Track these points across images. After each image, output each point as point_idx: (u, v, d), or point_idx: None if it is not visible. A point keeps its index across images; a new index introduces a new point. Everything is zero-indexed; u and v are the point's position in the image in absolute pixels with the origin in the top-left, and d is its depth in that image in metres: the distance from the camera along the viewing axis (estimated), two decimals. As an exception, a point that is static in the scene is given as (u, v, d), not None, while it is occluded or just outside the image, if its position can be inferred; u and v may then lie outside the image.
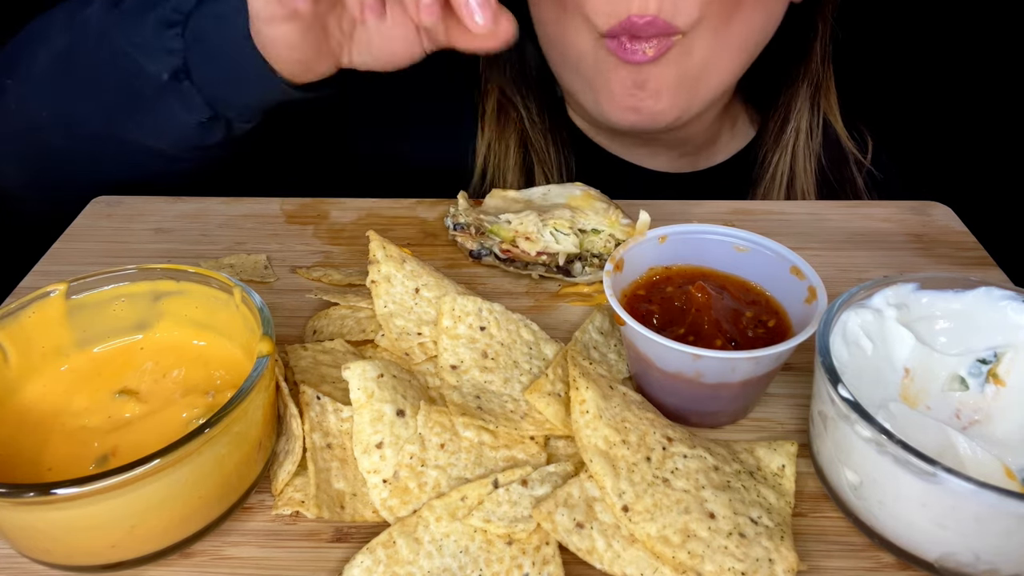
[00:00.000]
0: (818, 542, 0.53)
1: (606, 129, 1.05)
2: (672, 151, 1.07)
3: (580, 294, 0.75)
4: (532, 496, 0.52)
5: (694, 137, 1.06)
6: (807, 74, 1.01)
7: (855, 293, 0.58)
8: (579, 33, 0.88)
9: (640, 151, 1.07)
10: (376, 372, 0.56)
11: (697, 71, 0.88)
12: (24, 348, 0.57)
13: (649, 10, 0.82)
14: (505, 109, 1.04)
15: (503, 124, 1.04)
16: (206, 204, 0.89)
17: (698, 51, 0.87)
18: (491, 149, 1.05)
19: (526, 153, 1.05)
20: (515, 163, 1.04)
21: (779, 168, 1.04)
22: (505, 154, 1.04)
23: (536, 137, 1.04)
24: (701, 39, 0.86)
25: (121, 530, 0.48)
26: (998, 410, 0.57)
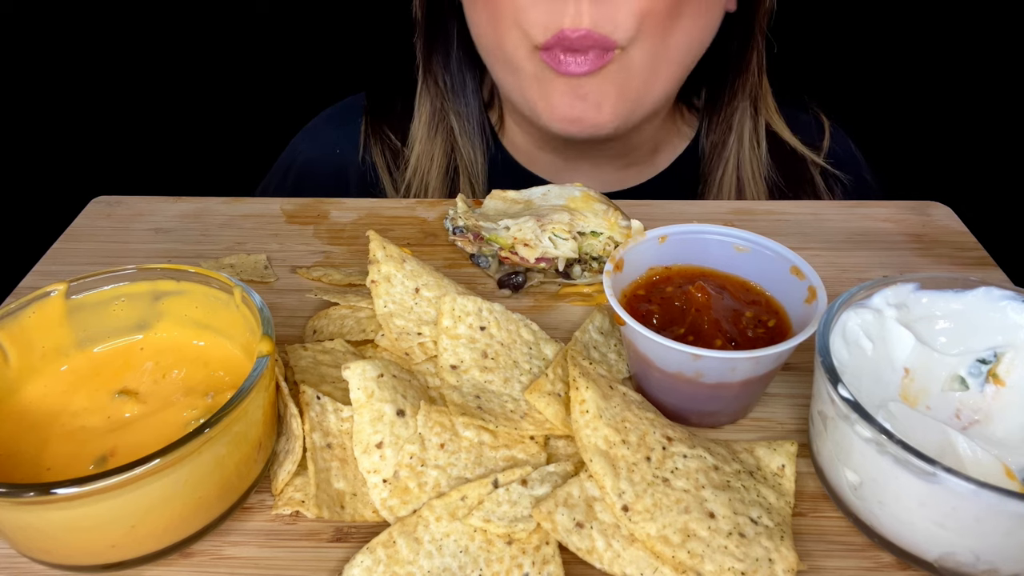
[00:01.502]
0: (818, 542, 0.53)
1: (552, 144, 1.05)
2: (617, 162, 1.08)
3: (580, 294, 0.75)
4: (532, 496, 0.52)
5: (639, 146, 1.06)
6: (744, 84, 1.02)
7: (855, 293, 0.58)
8: (515, 44, 0.89)
9: (583, 166, 1.08)
10: (376, 372, 0.56)
11: (638, 83, 0.89)
12: (24, 348, 0.57)
13: (582, 24, 0.82)
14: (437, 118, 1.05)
15: (433, 132, 1.05)
16: (206, 204, 0.89)
17: (638, 64, 0.87)
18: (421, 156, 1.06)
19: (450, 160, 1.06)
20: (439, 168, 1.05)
21: (725, 178, 1.05)
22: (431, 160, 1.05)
23: (466, 146, 1.05)
24: (640, 52, 0.86)
25: (121, 530, 0.48)
26: (998, 410, 0.57)
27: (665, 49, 0.88)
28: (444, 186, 1.05)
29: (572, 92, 0.88)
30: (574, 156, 1.06)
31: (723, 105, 1.04)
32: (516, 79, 0.92)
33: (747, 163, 1.04)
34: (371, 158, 1.09)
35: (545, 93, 0.90)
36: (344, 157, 1.10)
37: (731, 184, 1.04)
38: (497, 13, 0.88)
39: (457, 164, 1.05)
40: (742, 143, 1.03)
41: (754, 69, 1.01)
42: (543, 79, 0.89)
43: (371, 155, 1.09)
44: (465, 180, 1.05)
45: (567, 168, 1.07)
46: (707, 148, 1.07)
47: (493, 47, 0.93)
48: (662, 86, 0.92)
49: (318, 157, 1.11)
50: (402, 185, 1.07)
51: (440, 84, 1.05)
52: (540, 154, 1.08)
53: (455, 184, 1.05)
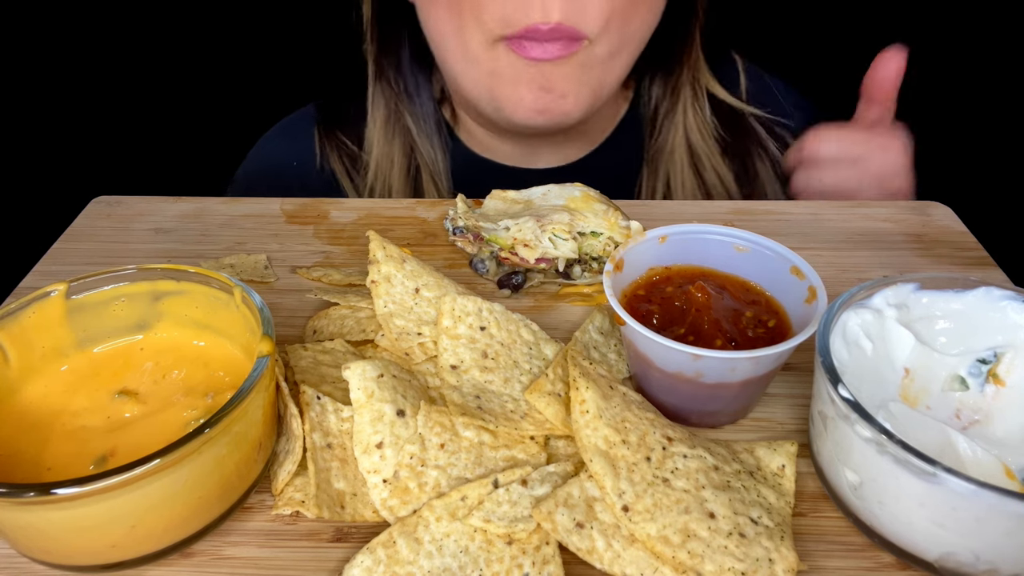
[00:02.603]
0: (818, 542, 0.53)
1: (512, 134, 1.05)
2: (578, 142, 1.09)
3: (580, 294, 0.75)
4: (532, 496, 0.52)
5: (597, 124, 1.08)
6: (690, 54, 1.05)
7: (855, 293, 0.58)
8: (477, 39, 0.89)
9: (543, 151, 1.09)
10: (376, 372, 0.56)
11: (600, 72, 0.91)
12: (24, 348, 0.57)
13: (552, 18, 0.83)
14: (393, 120, 1.06)
15: (391, 134, 1.06)
16: (206, 204, 0.89)
17: (601, 54, 0.89)
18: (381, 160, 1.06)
19: (410, 162, 1.06)
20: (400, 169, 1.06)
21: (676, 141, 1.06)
22: (391, 163, 1.06)
23: (424, 145, 1.06)
24: (604, 42, 0.88)
25: (121, 530, 0.48)
26: (998, 410, 0.57)
27: (625, 37, 0.90)
28: (407, 187, 1.06)
29: (538, 84, 0.89)
30: (536, 142, 1.08)
31: (671, 74, 1.07)
32: (478, 74, 0.93)
33: (694, 126, 1.07)
34: (329, 165, 1.09)
35: (511, 86, 0.90)
36: (303, 168, 1.10)
37: (682, 146, 1.06)
38: (459, 10, 0.88)
39: (418, 164, 1.06)
40: (687, 108, 1.06)
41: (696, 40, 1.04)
42: (507, 73, 0.89)
43: (329, 163, 1.09)
44: (428, 178, 1.06)
45: (529, 153, 1.09)
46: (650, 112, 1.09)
47: (453, 43, 0.93)
48: (621, 71, 0.94)
49: (275, 171, 1.11)
50: (364, 190, 1.08)
51: (393, 86, 1.05)
52: (499, 143, 1.09)
53: (418, 184, 1.06)
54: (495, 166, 1.09)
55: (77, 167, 1.61)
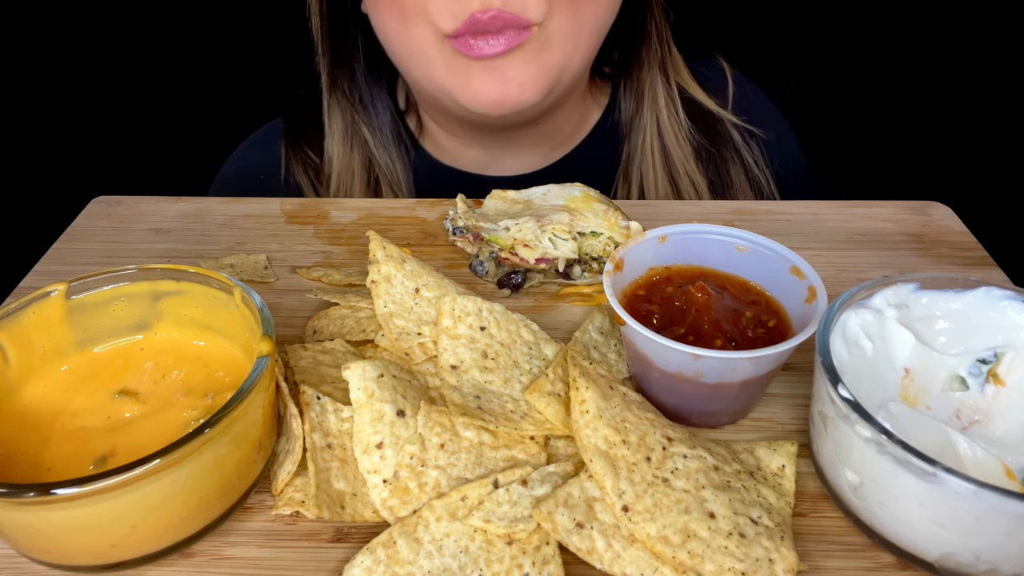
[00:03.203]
0: (818, 542, 0.53)
1: (475, 138, 1.05)
2: (542, 147, 1.08)
3: (580, 294, 0.75)
4: (532, 496, 0.52)
5: (561, 126, 1.07)
6: (650, 51, 1.04)
7: (855, 293, 0.58)
8: (425, 37, 0.88)
9: (508, 156, 1.08)
10: (376, 372, 0.56)
11: (557, 58, 0.89)
12: (24, 348, 0.57)
13: (492, 5, 0.82)
14: (351, 132, 1.06)
15: (349, 146, 1.06)
16: (206, 204, 0.89)
17: (555, 38, 0.88)
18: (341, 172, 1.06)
19: (370, 174, 1.06)
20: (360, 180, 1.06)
21: (646, 144, 1.06)
22: (352, 175, 1.06)
23: (381, 152, 1.05)
24: (556, 28, 0.87)
25: (121, 530, 0.48)
26: (998, 410, 0.57)
27: (579, 21, 0.89)
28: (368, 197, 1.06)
29: (491, 75, 0.88)
30: (499, 147, 1.07)
31: (632, 73, 1.06)
32: (431, 72, 0.92)
33: (668, 129, 1.05)
34: (294, 179, 1.09)
35: (464, 81, 0.89)
36: (269, 180, 1.10)
37: (654, 149, 1.05)
38: (403, 10, 0.88)
39: (378, 174, 1.06)
40: (658, 109, 1.05)
41: (654, 39, 1.03)
42: (458, 67, 0.89)
43: (294, 176, 1.09)
44: (387, 188, 1.06)
45: (493, 160, 1.08)
46: (624, 116, 1.08)
47: (403, 45, 0.92)
48: (579, 58, 0.93)
49: (245, 185, 1.11)
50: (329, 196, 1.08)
51: (348, 98, 1.05)
52: (463, 149, 1.08)
53: (378, 194, 1.06)
54: (459, 174, 1.08)
55: (77, 167, 1.61)
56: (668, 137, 1.05)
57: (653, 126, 1.05)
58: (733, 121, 1.08)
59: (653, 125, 1.05)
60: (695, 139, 1.07)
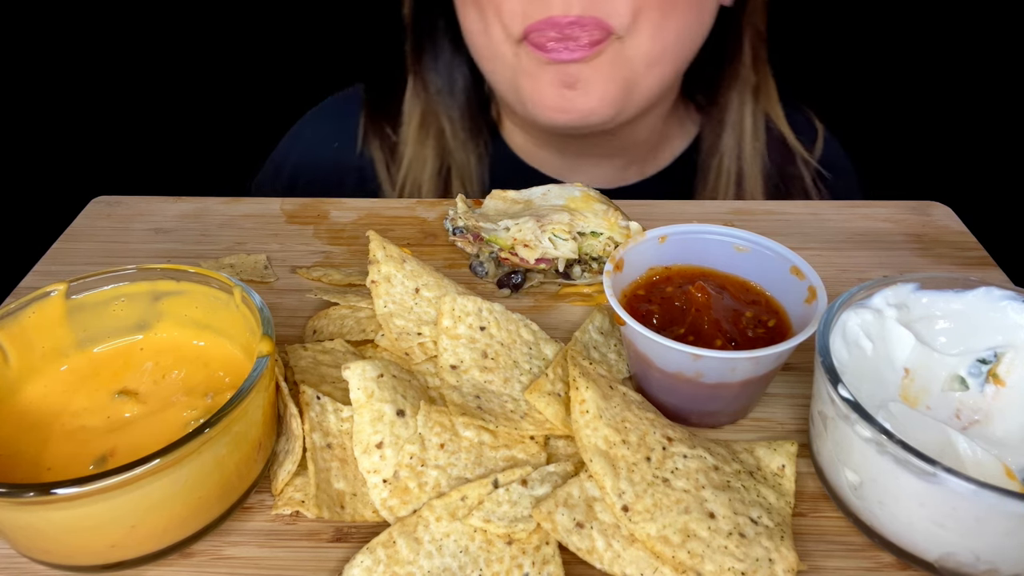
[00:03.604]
0: (818, 542, 0.53)
1: (549, 141, 1.04)
2: (616, 160, 1.07)
3: (580, 294, 0.75)
4: (532, 496, 0.52)
5: (638, 144, 1.05)
6: (740, 78, 1.01)
7: (855, 293, 0.58)
8: (500, 37, 0.88)
9: (583, 164, 1.07)
10: (376, 372, 0.56)
11: (632, 74, 0.88)
12: (24, 348, 0.57)
13: (572, 11, 0.82)
14: (427, 121, 1.05)
15: (424, 135, 1.05)
16: (206, 204, 0.89)
17: (634, 54, 0.87)
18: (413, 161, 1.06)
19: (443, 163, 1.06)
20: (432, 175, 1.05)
21: (724, 168, 1.04)
22: (423, 165, 1.05)
23: (457, 146, 1.05)
24: (637, 42, 0.86)
25: (121, 530, 0.48)
26: (998, 410, 0.57)
27: (662, 39, 0.87)
28: (437, 187, 1.05)
29: (561, 81, 0.87)
30: (572, 154, 1.05)
31: (719, 100, 1.04)
32: (504, 73, 0.92)
33: (747, 156, 1.03)
34: (369, 153, 1.08)
35: (534, 84, 0.89)
36: (341, 151, 1.10)
37: (730, 174, 1.04)
38: (481, 7, 0.88)
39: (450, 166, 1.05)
40: (743, 133, 1.03)
41: (747, 61, 1.01)
42: (530, 70, 0.88)
43: (369, 150, 1.08)
44: (458, 182, 1.05)
45: (566, 166, 1.06)
46: (706, 142, 1.06)
47: (481, 43, 0.92)
48: (658, 78, 0.91)
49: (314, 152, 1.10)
50: (398, 181, 1.07)
51: (430, 88, 1.04)
52: (538, 151, 1.07)
53: (448, 185, 1.05)
54: (533, 172, 1.07)
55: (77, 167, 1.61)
56: (745, 163, 1.03)
57: (733, 151, 1.03)
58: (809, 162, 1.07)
59: (734, 150, 1.03)
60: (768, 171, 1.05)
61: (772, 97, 1.05)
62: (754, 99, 1.03)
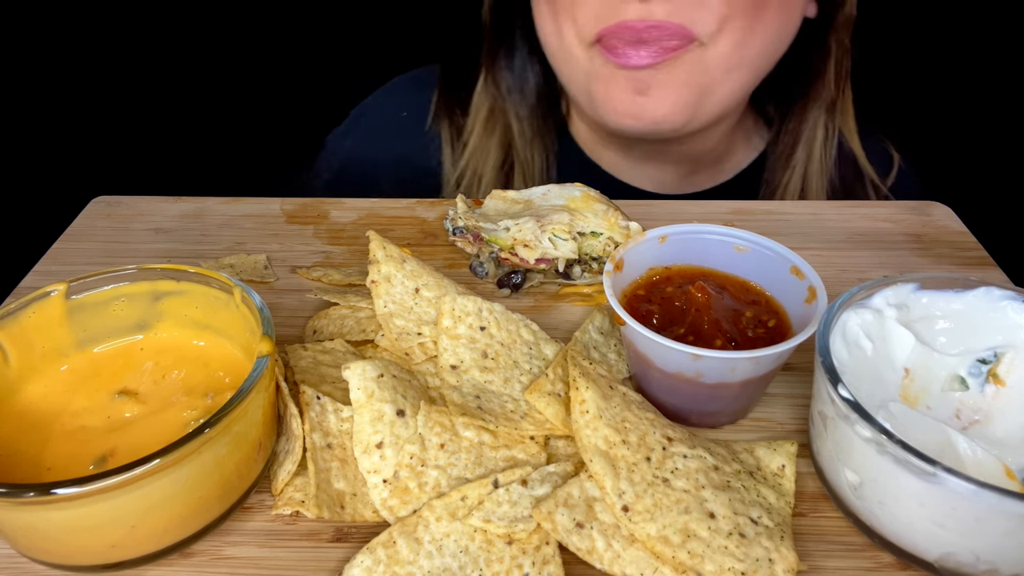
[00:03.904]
0: (818, 542, 0.53)
1: (616, 141, 1.04)
2: (681, 166, 1.06)
3: (580, 294, 0.75)
4: (532, 496, 0.52)
5: (706, 151, 1.04)
6: (819, 92, 0.99)
7: (855, 293, 0.58)
8: (573, 39, 0.88)
9: (647, 167, 1.06)
10: (376, 372, 0.56)
11: (709, 82, 0.86)
12: (24, 348, 0.57)
13: (653, 16, 0.80)
14: (495, 115, 1.05)
15: (491, 129, 1.05)
16: (206, 204, 0.89)
17: (714, 62, 0.85)
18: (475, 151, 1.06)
19: (507, 157, 1.05)
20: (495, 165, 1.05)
21: (790, 185, 1.02)
22: (486, 157, 1.05)
23: (522, 144, 1.04)
24: (719, 50, 0.84)
25: (121, 530, 0.48)
26: (998, 410, 0.57)
27: (744, 49, 0.85)
28: (499, 180, 1.05)
29: (633, 87, 0.86)
30: (637, 156, 1.05)
31: (794, 113, 1.02)
32: (576, 76, 0.91)
33: (814, 173, 1.02)
34: (436, 129, 1.08)
35: (605, 87, 0.88)
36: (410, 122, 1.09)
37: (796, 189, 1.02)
38: (555, 7, 0.87)
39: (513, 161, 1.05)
40: (812, 150, 1.01)
41: (830, 78, 0.98)
42: (603, 73, 0.87)
43: (437, 126, 1.08)
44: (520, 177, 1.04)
45: (629, 167, 1.06)
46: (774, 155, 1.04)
47: (554, 44, 0.92)
48: (734, 87, 0.89)
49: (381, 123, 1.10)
50: (459, 165, 1.06)
51: (501, 86, 1.04)
52: (603, 150, 1.06)
53: (509, 179, 1.05)
54: (598, 170, 1.07)
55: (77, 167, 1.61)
56: (811, 182, 1.02)
57: (802, 166, 1.02)
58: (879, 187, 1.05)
59: (802, 165, 1.02)
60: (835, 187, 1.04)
61: (848, 113, 1.03)
62: (829, 115, 1.01)
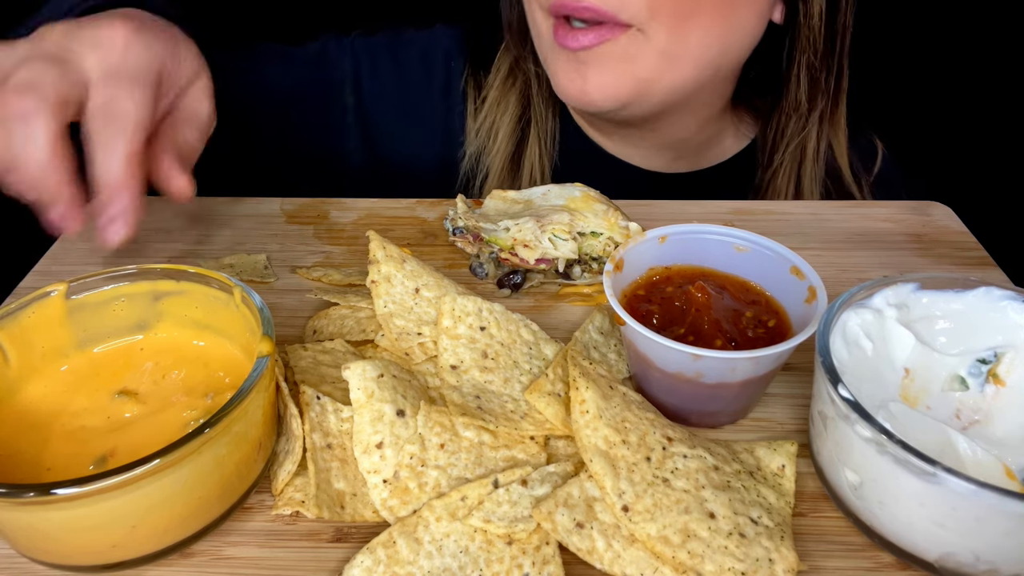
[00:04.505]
0: (818, 542, 0.53)
1: (597, 125, 1.05)
2: (666, 152, 1.06)
3: (580, 294, 0.75)
4: (532, 496, 0.52)
5: (687, 139, 1.05)
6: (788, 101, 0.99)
7: (855, 293, 0.58)
8: (537, 13, 0.90)
9: (633, 151, 1.07)
10: (376, 372, 0.56)
11: (646, 70, 0.87)
12: (24, 348, 0.57)
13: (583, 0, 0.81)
14: (514, 73, 1.05)
15: (509, 85, 1.06)
16: (206, 204, 0.89)
17: (652, 50, 0.85)
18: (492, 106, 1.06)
19: (524, 112, 1.06)
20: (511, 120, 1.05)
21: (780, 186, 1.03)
22: (504, 110, 1.05)
23: (538, 102, 1.05)
24: (655, 39, 0.85)
25: (122, 530, 0.48)
26: (998, 410, 0.57)
27: (684, 42, 0.86)
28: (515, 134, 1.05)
29: (573, 68, 0.88)
30: (618, 139, 1.06)
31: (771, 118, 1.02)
32: (539, 45, 0.93)
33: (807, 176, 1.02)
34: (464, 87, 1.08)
35: (554, 61, 0.90)
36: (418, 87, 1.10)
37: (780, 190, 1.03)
38: None
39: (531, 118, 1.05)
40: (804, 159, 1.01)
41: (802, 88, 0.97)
42: (555, 51, 0.89)
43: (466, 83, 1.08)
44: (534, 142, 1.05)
45: (614, 146, 1.07)
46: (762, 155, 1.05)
47: (527, 12, 0.94)
48: (675, 80, 0.89)
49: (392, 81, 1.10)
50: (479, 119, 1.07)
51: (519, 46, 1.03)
52: (588, 126, 1.08)
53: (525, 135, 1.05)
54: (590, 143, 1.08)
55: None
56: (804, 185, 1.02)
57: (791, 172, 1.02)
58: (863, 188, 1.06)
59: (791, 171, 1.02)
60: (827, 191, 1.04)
61: (838, 127, 1.02)
62: (819, 126, 1.00)
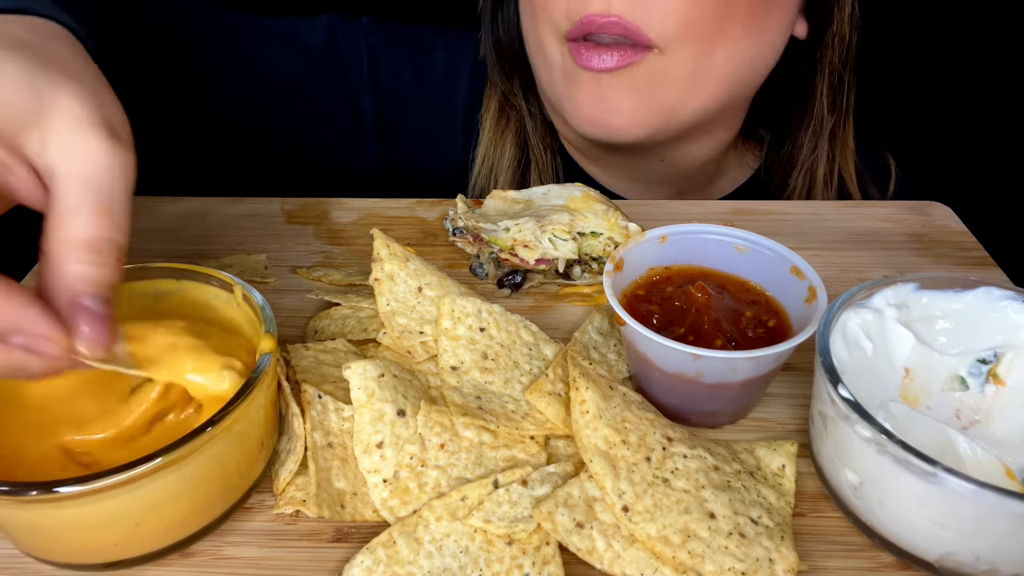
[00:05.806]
0: (818, 542, 0.53)
1: (596, 159, 1.02)
2: (667, 187, 1.03)
3: (580, 294, 0.75)
4: (532, 496, 0.52)
5: (691, 172, 1.01)
6: (813, 117, 0.96)
7: (855, 293, 0.58)
8: (548, 35, 0.86)
9: (632, 187, 1.03)
10: (377, 372, 0.56)
11: (671, 95, 0.84)
12: (24, 348, 0.57)
13: (612, 10, 0.78)
14: (506, 111, 1.02)
15: (503, 125, 1.02)
16: (206, 204, 0.89)
17: (676, 73, 0.82)
18: (489, 148, 1.03)
19: (522, 153, 1.03)
20: (510, 164, 1.02)
21: None
22: (501, 153, 1.03)
23: (535, 141, 1.02)
24: (680, 60, 0.81)
25: (125, 528, 0.48)
26: (998, 410, 0.57)
27: (709, 62, 0.82)
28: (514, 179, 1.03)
29: (594, 91, 0.84)
30: (621, 176, 1.02)
31: (786, 140, 0.99)
32: (550, 74, 0.89)
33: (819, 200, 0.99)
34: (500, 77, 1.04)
35: (571, 90, 0.85)
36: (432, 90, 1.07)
37: None
38: (532, 4, 0.86)
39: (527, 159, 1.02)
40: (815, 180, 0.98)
41: (824, 103, 0.94)
42: (570, 74, 0.85)
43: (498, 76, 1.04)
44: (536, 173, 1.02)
45: (615, 183, 1.03)
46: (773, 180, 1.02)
47: (531, 39, 0.90)
48: (701, 102, 0.86)
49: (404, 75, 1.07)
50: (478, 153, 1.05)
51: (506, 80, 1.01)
52: (590, 166, 1.04)
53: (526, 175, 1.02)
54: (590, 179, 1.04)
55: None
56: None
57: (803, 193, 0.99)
58: None
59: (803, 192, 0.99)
60: None
61: (847, 147, 1.00)
62: (830, 144, 0.97)
